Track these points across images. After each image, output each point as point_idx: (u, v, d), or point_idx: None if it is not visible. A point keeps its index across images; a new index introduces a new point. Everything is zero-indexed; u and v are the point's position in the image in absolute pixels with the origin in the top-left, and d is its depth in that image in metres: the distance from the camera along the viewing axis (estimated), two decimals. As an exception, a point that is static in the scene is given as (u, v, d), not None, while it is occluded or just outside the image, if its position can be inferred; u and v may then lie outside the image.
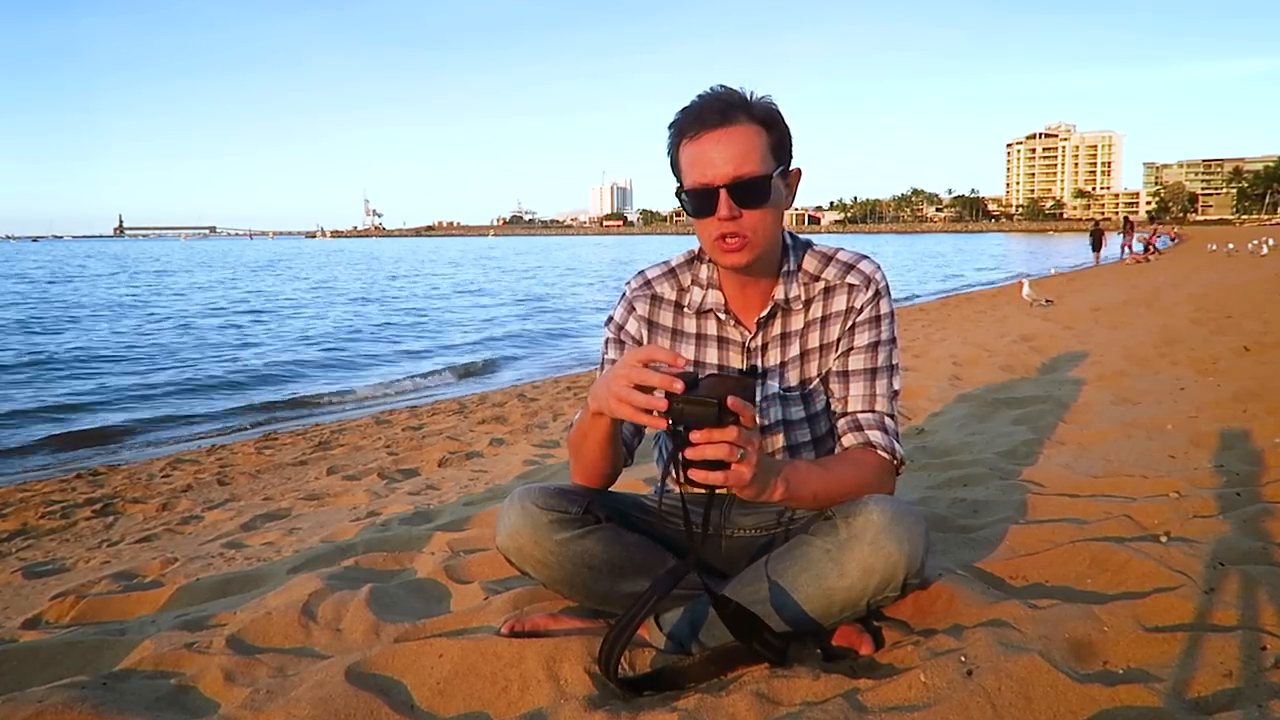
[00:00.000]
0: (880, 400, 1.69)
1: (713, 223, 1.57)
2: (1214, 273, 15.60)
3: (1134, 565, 1.83)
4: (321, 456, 5.55)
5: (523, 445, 4.96)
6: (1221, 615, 1.59)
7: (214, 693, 1.66)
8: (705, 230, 1.60)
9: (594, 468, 1.69)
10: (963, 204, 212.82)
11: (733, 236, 1.56)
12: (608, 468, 1.70)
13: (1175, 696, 1.35)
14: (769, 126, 1.57)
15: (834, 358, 1.72)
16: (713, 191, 1.54)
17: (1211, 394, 3.85)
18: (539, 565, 1.69)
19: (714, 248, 1.61)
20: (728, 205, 1.54)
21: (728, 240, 1.57)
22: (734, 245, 1.57)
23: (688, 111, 1.57)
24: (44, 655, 1.90)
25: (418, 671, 1.64)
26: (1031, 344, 6.58)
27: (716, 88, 1.57)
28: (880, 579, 1.51)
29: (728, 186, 1.53)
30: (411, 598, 2.13)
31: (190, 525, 3.91)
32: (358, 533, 2.99)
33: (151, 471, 5.56)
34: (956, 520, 2.40)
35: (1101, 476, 2.70)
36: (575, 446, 1.69)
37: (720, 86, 1.57)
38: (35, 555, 3.64)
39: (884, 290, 1.72)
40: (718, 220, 1.55)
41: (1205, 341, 5.72)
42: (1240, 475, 2.56)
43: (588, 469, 1.70)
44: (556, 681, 1.57)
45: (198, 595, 2.40)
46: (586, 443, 1.64)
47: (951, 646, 1.54)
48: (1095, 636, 1.54)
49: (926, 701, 1.38)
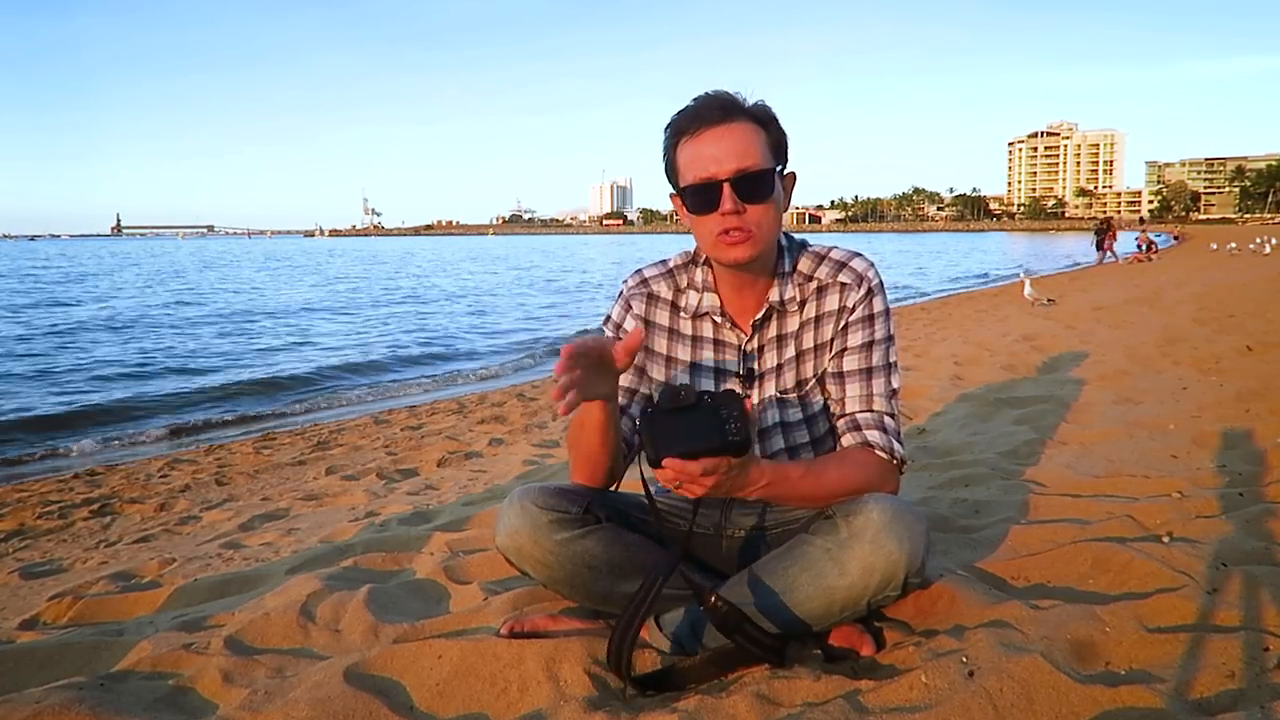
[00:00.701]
0: (878, 400, 1.68)
1: (715, 218, 1.56)
2: (1216, 272, 15.59)
3: (1136, 566, 1.82)
4: (320, 456, 5.55)
5: (522, 445, 4.95)
6: (1224, 616, 1.59)
7: (212, 694, 1.66)
8: (706, 227, 1.59)
9: (593, 460, 1.68)
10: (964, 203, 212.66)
11: (736, 230, 1.56)
12: (606, 461, 1.68)
13: (1178, 697, 1.35)
14: (766, 126, 1.58)
15: (829, 358, 1.71)
16: (716, 186, 1.54)
17: (1214, 394, 3.84)
18: (539, 565, 1.68)
19: (716, 244, 1.59)
20: (731, 199, 1.53)
21: (731, 234, 1.56)
22: (738, 239, 1.56)
23: (685, 112, 1.57)
24: (41, 656, 1.90)
25: (417, 672, 1.64)
26: (1033, 343, 6.57)
27: (712, 91, 1.58)
28: (881, 578, 1.51)
29: (731, 180, 1.53)
30: (410, 598, 2.13)
31: (188, 525, 3.91)
32: (356, 533, 2.98)
33: (149, 471, 5.56)
34: (958, 520, 2.39)
35: (1103, 476, 2.69)
36: (574, 441, 1.69)
37: (715, 90, 1.58)
38: (32, 555, 3.64)
39: (877, 288, 1.70)
40: (720, 215, 1.55)
41: (1208, 341, 5.71)
42: (1243, 475, 2.55)
43: (588, 461, 1.69)
44: (556, 682, 1.57)
45: (196, 596, 2.40)
46: (584, 433, 1.63)
47: (953, 647, 1.54)
48: (1097, 637, 1.53)
49: (928, 702, 1.38)
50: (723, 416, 1.37)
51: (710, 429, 1.36)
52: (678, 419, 1.37)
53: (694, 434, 1.36)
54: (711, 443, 1.36)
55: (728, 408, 1.37)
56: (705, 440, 1.35)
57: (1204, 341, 5.70)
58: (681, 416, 1.37)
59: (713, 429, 1.36)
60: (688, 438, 1.35)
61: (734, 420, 1.36)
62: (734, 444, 1.37)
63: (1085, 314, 8.83)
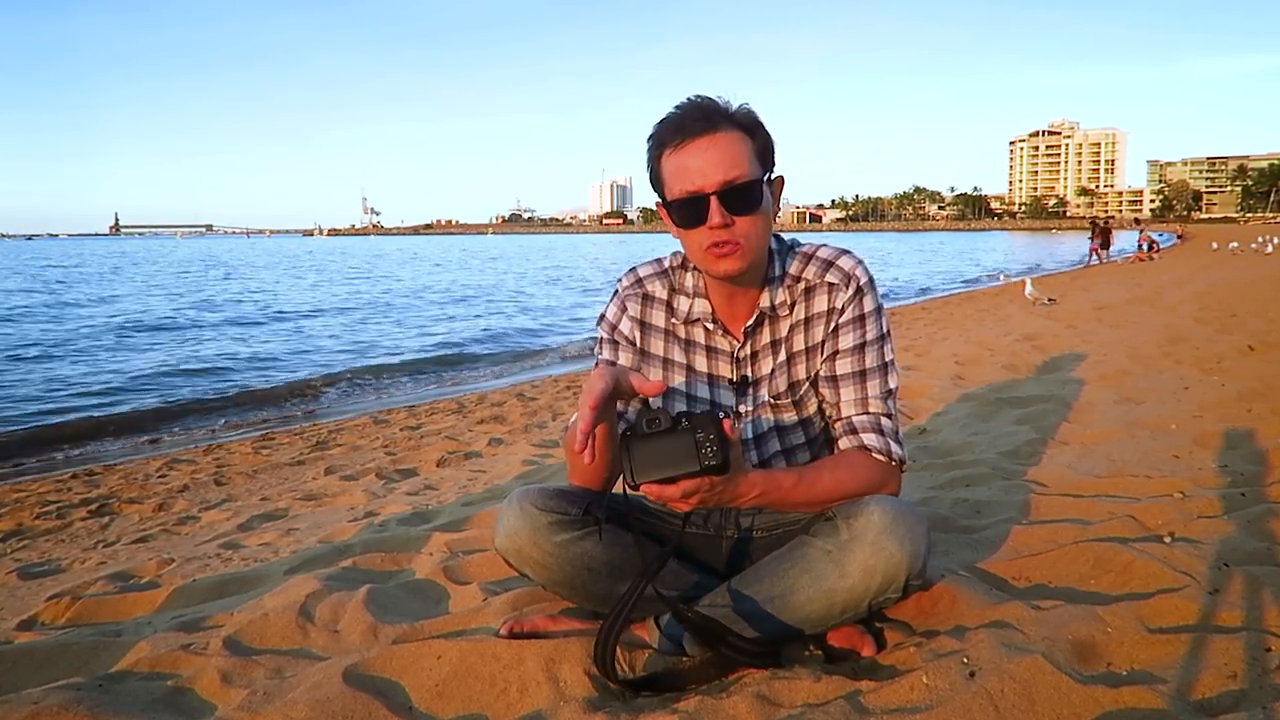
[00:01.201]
0: (874, 401, 1.65)
1: (703, 232, 1.53)
2: (1218, 271, 15.57)
3: (1138, 566, 1.82)
4: (319, 456, 5.54)
5: (522, 445, 4.95)
6: (1226, 616, 1.58)
7: (211, 694, 1.65)
8: (694, 240, 1.56)
9: (588, 469, 1.68)
10: (965, 202, 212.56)
11: (726, 244, 1.53)
12: (603, 470, 1.68)
13: (1179, 698, 1.34)
14: (752, 133, 1.55)
15: (821, 360, 1.68)
16: (703, 199, 1.50)
17: (1216, 393, 3.82)
18: (538, 567, 1.68)
19: (705, 257, 1.57)
20: (720, 212, 1.50)
21: (721, 247, 1.53)
22: (727, 251, 1.53)
23: (667, 123, 1.53)
24: (39, 656, 1.89)
25: (416, 673, 1.63)
26: (1034, 343, 6.56)
27: (694, 98, 1.54)
28: (882, 580, 1.50)
29: (718, 193, 1.49)
30: (410, 599, 2.12)
31: (187, 526, 3.90)
32: (355, 533, 2.98)
33: (148, 471, 5.55)
34: (959, 521, 2.38)
35: (1105, 477, 2.68)
36: (569, 446, 1.68)
37: (698, 96, 1.54)
38: (31, 556, 3.63)
39: (866, 286, 1.66)
40: (709, 229, 1.52)
41: (1209, 340, 5.69)
42: (1245, 475, 2.54)
43: (584, 468, 1.69)
44: (556, 683, 1.56)
45: (194, 596, 2.39)
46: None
47: (954, 648, 1.53)
48: (1099, 638, 1.53)
49: (929, 703, 1.37)
50: (698, 440, 1.36)
51: (685, 453, 1.36)
52: (653, 444, 1.37)
53: (669, 459, 1.36)
54: (687, 467, 1.36)
55: (704, 430, 1.37)
56: (680, 465, 1.36)
57: (1206, 341, 5.68)
58: (657, 441, 1.37)
59: (689, 453, 1.36)
60: (663, 463, 1.36)
61: (710, 443, 1.36)
62: (710, 467, 1.36)
63: (1086, 313, 8.82)
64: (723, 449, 1.36)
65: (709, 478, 1.37)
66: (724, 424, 1.37)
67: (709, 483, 1.38)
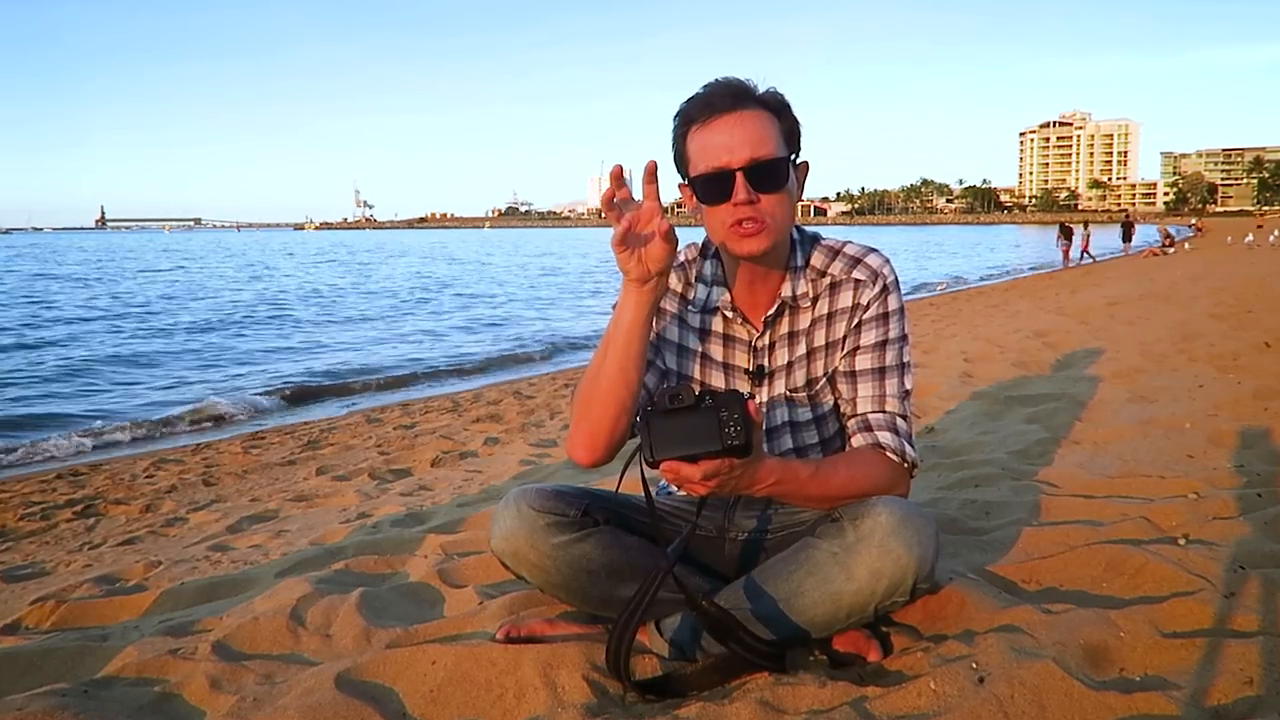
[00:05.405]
0: (891, 400, 1.65)
1: (727, 209, 1.53)
2: (1233, 266, 15.48)
3: (1151, 569, 1.80)
4: (310, 456, 5.53)
5: (518, 445, 4.93)
6: (1242, 620, 1.57)
7: (199, 701, 1.64)
8: (718, 218, 1.56)
9: (608, 395, 1.55)
10: (974, 195, 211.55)
11: (750, 221, 1.52)
12: (615, 408, 1.56)
13: (1194, 704, 1.33)
14: (779, 114, 1.56)
15: (840, 356, 1.68)
16: (729, 175, 1.51)
17: (1231, 391, 3.79)
18: (535, 569, 1.66)
19: (729, 235, 1.56)
20: (745, 189, 1.50)
21: (745, 225, 1.53)
22: (752, 229, 1.53)
23: (695, 100, 1.54)
24: (23, 661, 1.88)
25: (410, 678, 1.62)
26: (1045, 340, 6.53)
27: (723, 78, 1.55)
28: (889, 583, 1.49)
29: (745, 169, 1.50)
30: (403, 602, 2.11)
31: (174, 527, 3.89)
32: (348, 535, 2.97)
33: (134, 471, 5.55)
34: (968, 522, 2.37)
35: (1117, 477, 2.66)
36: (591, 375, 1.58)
37: (726, 77, 1.55)
38: (14, 558, 3.63)
39: (892, 285, 1.67)
40: (733, 205, 1.52)
41: (1225, 337, 5.65)
42: (1261, 475, 2.52)
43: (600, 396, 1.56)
44: (554, 689, 1.55)
45: (182, 600, 2.37)
46: (610, 348, 1.53)
47: (962, 653, 1.52)
48: (1111, 642, 1.52)
49: (937, 710, 1.36)
50: (722, 419, 1.34)
51: (709, 432, 1.34)
52: (676, 420, 1.35)
53: (692, 437, 1.34)
54: (709, 446, 1.34)
55: (728, 409, 1.34)
56: (703, 444, 1.34)
57: (1221, 338, 5.63)
58: (680, 418, 1.35)
59: (711, 432, 1.34)
60: (685, 441, 1.34)
61: (734, 423, 1.34)
62: (733, 448, 1.34)
63: (1099, 309, 8.77)
64: (746, 430, 1.34)
65: (730, 459, 1.36)
66: (748, 405, 1.36)
67: (729, 464, 1.36)
